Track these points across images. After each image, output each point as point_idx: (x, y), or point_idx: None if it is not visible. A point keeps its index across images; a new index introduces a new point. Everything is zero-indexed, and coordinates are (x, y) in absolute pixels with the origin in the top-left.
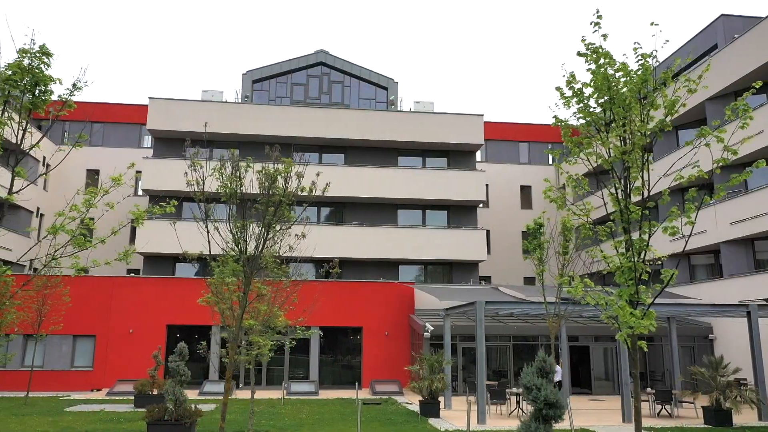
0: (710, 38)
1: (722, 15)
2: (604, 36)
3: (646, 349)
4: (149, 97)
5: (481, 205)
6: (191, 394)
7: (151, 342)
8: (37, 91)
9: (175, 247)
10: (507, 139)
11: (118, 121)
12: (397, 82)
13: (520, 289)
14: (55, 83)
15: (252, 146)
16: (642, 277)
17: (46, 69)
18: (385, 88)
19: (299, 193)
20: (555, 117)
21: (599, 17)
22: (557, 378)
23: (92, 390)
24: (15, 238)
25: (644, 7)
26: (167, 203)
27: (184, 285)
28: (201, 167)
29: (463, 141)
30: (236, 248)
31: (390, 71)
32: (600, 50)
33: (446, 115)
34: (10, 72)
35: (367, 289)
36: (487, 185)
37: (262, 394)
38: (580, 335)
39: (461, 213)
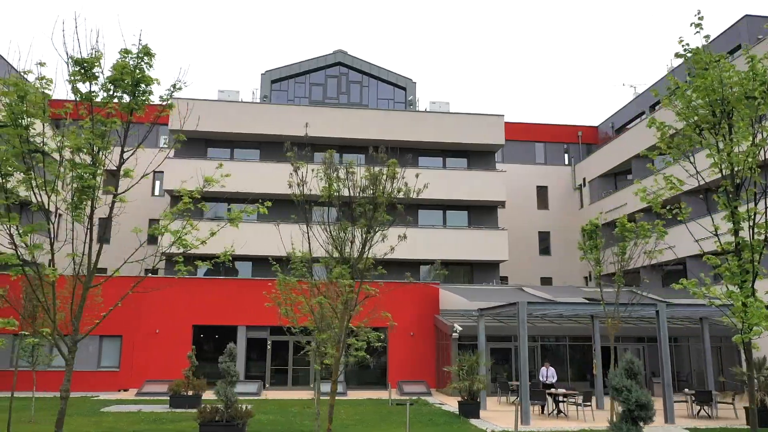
0: (733, 39)
1: (746, 16)
2: (707, 37)
3: (758, 349)
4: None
5: (499, 206)
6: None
7: (177, 342)
8: (136, 93)
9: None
10: (523, 139)
11: (135, 121)
12: (415, 83)
13: (545, 290)
14: (155, 84)
15: (272, 146)
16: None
17: (148, 69)
18: (404, 89)
19: (398, 195)
20: (651, 119)
21: (701, 18)
22: (552, 380)
23: (119, 390)
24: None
25: (664, 7)
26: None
27: (210, 285)
28: (301, 168)
29: (484, 141)
30: (337, 250)
31: (404, 71)
32: (702, 51)
33: (467, 115)
34: (115, 72)
35: (392, 290)
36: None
37: (289, 394)
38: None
39: (482, 213)
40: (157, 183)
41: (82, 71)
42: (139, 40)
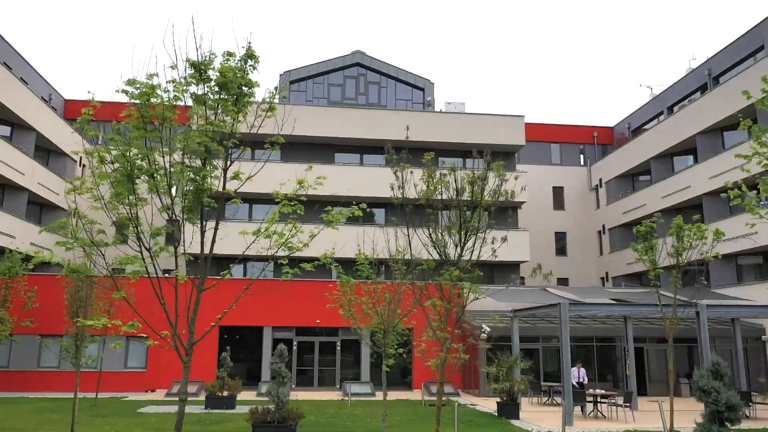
0: (756, 40)
1: None
2: None
3: None
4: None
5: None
6: (249, 395)
7: (203, 343)
8: (241, 96)
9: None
10: (538, 139)
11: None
12: (433, 83)
13: (569, 290)
14: (258, 87)
15: (293, 147)
16: None
17: (251, 72)
18: (422, 89)
19: (498, 198)
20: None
21: None
22: (584, 380)
23: (147, 391)
24: (55, 238)
25: (679, 8)
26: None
27: (236, 286)
28: (405, 172)
29: (505, 142)
30: (439, 252)
31: (420, 71)
32: None
33: (488, 116)
34: (222, 76)
35: (417, 289)
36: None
37: (316, 395)
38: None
39: (502, 214)
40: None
41: (197, 74)
42: (248, 42)
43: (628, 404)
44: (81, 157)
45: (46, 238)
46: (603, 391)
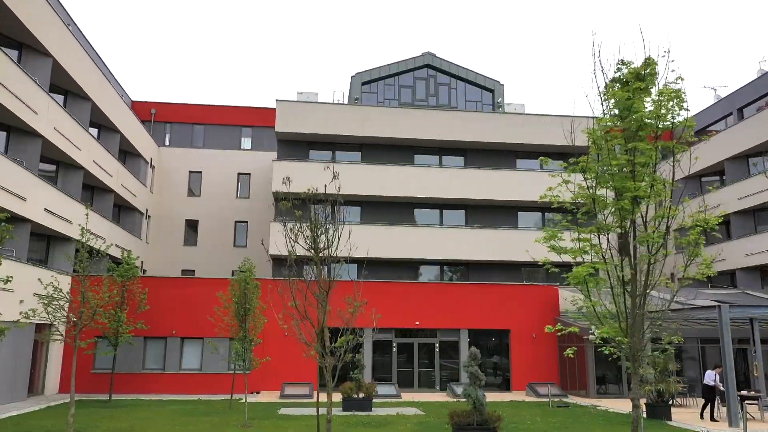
0: None
1: None
2: None
3: None
4: (277, 100)
5: None
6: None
7: (303, 344)
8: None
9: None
10: None
11: (218, 123)
12: (503, 85)
13: (664, 290)
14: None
15: (374, 148)
16: None
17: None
18: (491, 90)
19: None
20: None
21: None
22: (714, 382)
23: (252, 393)
24: (131, 239)
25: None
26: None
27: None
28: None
29: (582, 143)
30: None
31: (485, 72)
32: None
33: (564, 117)
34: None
35: (512, 291)
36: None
37: (421, 396)
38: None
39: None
40: (240, 185)
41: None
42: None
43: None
44: (150, 159)
45: (125, 239)
46: (750, 392)
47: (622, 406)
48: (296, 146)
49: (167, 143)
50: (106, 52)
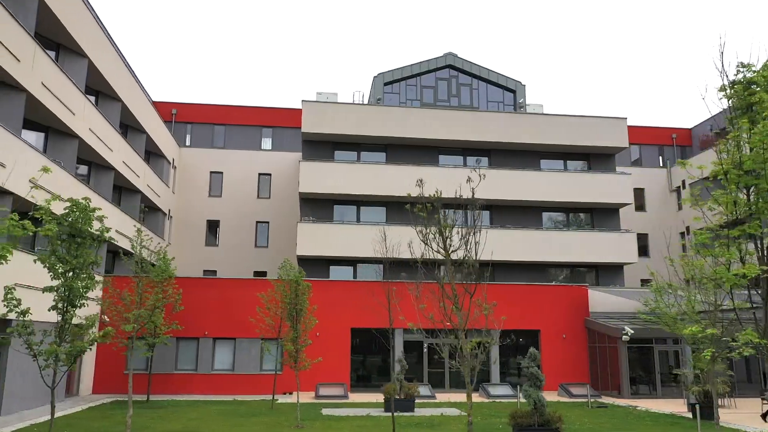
0: None
1: None
2: None
3: None
4: (302, 101)
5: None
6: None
7: (337, 345)
8: None
9: (328, 249)
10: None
11: (239, 124)
12: (524, 85)
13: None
14: None
15: (398, 148)
16: None
17: None
18: (513, 91)
19: None
20: None
21: None
22: None
23: (284, 393)
24: (155, 240)
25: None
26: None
27: (365, 288)
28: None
29: (606, 144)
30: None
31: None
32: None
33: (588, 118)
34: None
35: (542, 292)
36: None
37: (454, 397)
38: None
39: (604, 216)
40: (260, 185)
41: None
42: None
43: None
44: (173, 160)
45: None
46: None
47: (660, 406)
48: (321, 147)
49: (188, 143)
50: (129, 53)
